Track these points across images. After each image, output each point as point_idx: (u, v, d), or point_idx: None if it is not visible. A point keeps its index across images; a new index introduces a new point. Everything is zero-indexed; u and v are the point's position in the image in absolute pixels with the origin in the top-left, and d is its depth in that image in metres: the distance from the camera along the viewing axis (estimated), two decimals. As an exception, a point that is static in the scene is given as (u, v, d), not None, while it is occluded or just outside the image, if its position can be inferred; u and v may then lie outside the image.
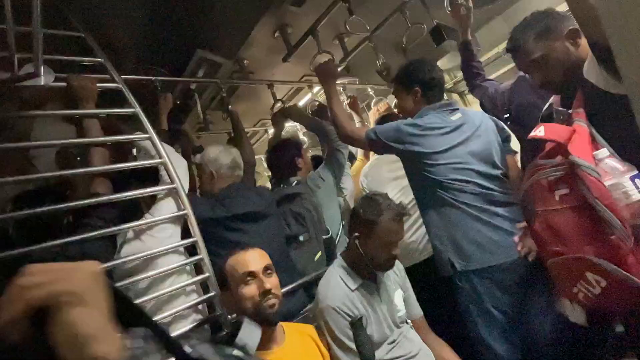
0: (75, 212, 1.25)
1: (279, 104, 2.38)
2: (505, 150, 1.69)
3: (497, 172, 1.50)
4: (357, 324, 0.85)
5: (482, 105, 1.93)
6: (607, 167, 0.99)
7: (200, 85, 2.23)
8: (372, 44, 2.06)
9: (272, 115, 2.38)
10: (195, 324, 1.27)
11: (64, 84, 1.34)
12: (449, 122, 1.51)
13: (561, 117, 1.16)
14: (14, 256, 0.99)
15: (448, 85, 3.13)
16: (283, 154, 2.05)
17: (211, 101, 2.47)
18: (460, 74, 2.95)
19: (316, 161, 2.43)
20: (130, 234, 1.29)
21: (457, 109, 1.60)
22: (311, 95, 2.63)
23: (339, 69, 2.09)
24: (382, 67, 2.12)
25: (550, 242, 1.11)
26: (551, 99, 1.32)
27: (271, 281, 1.16)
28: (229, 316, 1.30)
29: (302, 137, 3.07)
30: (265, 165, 2.37)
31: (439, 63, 2.81)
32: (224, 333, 1.02)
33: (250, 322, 0.65)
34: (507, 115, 1.76)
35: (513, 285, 1.40)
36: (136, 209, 1.43)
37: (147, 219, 1.32)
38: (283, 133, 2.50)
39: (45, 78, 1.22)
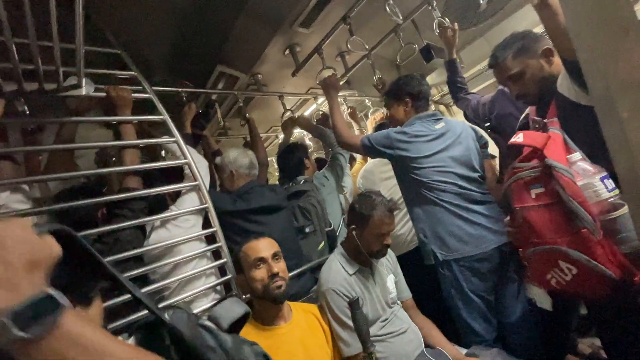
0: (109, 205, 1.26)
1: (288, 113, 2.37)
2: (484, 155, 1.68)
3: (475, 175, 1.49)
4: (354, 304, 0.84)
5: (465, 115, 1.92)
6: (579, 169, 0.99)
7: (220, 96, 2.23)
8: (370, 61, 2.05)
9: (282, 122, 2.38)
10: (213, 302, 1.28)
11: (104, 94, 1.34)
12: (433, 130, 1.50)
13: (537, 126, 1.15)
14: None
15: (435, 97, 3.12)
16: (292, 156, 2.04)
17: (229, 110, 2.47)
18: (446, 88, 2.93)
19: (320, 163, 2.43)
20: (157, 224, 1.29)
21: (441, 118, 1.58)
22: (316, 106, 2.63)
23: (341, 83, 2.09)
24: (378, 82, 2.11)
25: (527, 235, 1.12)
26: (527, 110, 1.31)
27: (279, 266, 1.16)
28: (243, 296, 1.30)
29: (308, 142, 3.06)
30: (276, 166, 2.36)
31: (428, 78, 2.80)
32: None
33: (235, 301, 0.64)
34: (488, 124, 1.76)
35: (487, 273, 1.40)
36: (163, 202, 1.43)
37: (173, 211, 1.32)
38: (291, 138, 2.49)
39: (86, 89, 1.22)
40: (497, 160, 2.12)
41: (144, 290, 1.12)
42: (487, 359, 1.23)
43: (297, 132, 2.90)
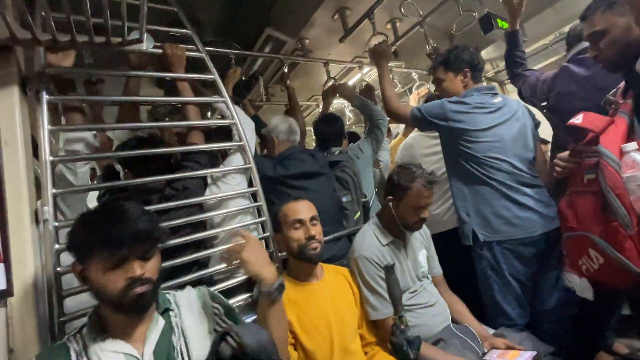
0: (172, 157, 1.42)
1: (331, 82, 2.34)
2: (536, 137, 1.58)
3: (529, 156, 1.42)
4: (389, 269, 0.87)
5: (520, 93, 1.78)
6: (629, 160, 0.93)
7: (264, 62, 2.25)
8: (422, 29, 1.94)
9: (324, 90, 2.36)
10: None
11: (160, 50, 1.41)
12: (491, 103, 1.43)
13: (612, 106, 1.07)
14: (133, 184, 1.20)
15: (489, 74, 2.91)
16: (334, 125, 2.04)
17: (273, 76, 2.49)
18: (502, 64, 2.72)
19: (351, 137, 2.41)
20: (209, 180, 1.40)
21: (498, 93, 1.50)
22: (360, 76, 2.57)
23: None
24: (432, 51, 2.00)
25: (569, 218, 1.14)
26: (620, 85, 1.19)
27: (315, 229, 1.20)
28: (279, 254, 1.38)
29: (348, 114, 3.04)
30: (313, 136, 2.37)
31: (483, 52, 2.61)
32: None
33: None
34: (545, 103, 1.63)
35: (531, 258, 1.37)
36: (217, 160, 1.51)
37: (221, 168, 1.41)
38: (330, 109, 2.48)
39: (146, 44, 1.29)
40: (548, 146, 1.99)
41: (200, 235, 1.26)
42: (515, 341, 1.23)
43: (337, 103, 2.88)
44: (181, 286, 0.98)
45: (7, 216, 0.88)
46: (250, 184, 1.46)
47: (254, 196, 1.45)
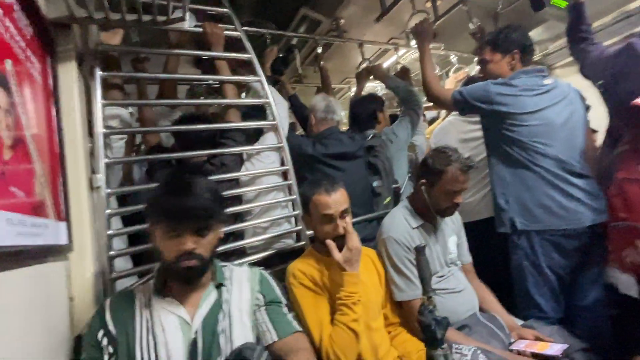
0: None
1: (365, 63, 2.30)
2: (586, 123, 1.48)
3: (579, 143, 1.34)
4: (420, 250, 0.87)
5: (582, 70, 1.63)
6: None
7: (299, 42, 2.24)
8: (465, 7, 1.85)
9: (357, 72, 2.33)
10: (285, 231, 1.44)
11: (200, 29, 1.45)
12: (540, 85, 1.36)
13: None
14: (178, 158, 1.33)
15: (536, 57, 2.72)
16: (366, 107, 2.02)
17: (306, 57, 2.48)
18: (552, 46, 2.54)
19: (393, 119, 2.36)
20: (245, 156, 1.46)
21: (548, 75, 1.41)
22: (396, 58, 2.49)
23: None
24: (476, 29, 1.90)
25: (618, 208, 1.10)
26: None
27: (345, 221, 1.13)
28: (307, 232, 1.42)
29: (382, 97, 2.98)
30: (345, 120, 2.36)
31: (531, 33, 2.43)
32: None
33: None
34: (601, 82, 1.49)
35: (572, 251, 1.31)
36: (258, 136, 1.56)
37: (255, 146, 1.46)
38: (363, 92, 2.44)
39: (189, 22, 1.34)
40: (596, 136, 1.85)
41: (238, 208, 1.36)
42: (545, 334, 1.20)
43: (369, 86, 2.82)
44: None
45: (68, 182, 0.97)
46: (282, 164, 1.50)
47: (285, 175, 1.49)
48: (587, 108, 1.51)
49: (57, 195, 0.89)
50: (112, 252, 1.06)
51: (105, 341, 0.80)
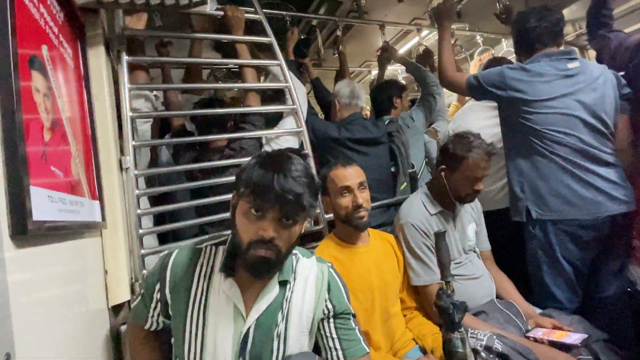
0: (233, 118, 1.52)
1: (381, 46, 2.25)
2: (622, 109, 1.40)
3: (605, 130, 1.27)
4: (440, 236, 0.87)
5: (598, 58, 1.56)
6: None
7: (319, 24, 2.20)
8: (494, -15, 1.75)
9: (378, 55, 2.28)
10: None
11: (221, 13, 1.45)
12: (562, 69, 1.29)
13: None
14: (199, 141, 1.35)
15: (570, 37, 2.56)
16: (382, 93, 2.00)
17: (326, 40, 2.44)
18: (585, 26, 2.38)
19: (412, 103, 2.32)
20: (264, 140, 1.48)
21: (576, 58, 1.33)
22: (418, 39, 2.41)
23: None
24: (502, 9, 1.81)
25: None
26: None
27: (363, 196, 1.19)
28: (326, 215, 1.43)
29: (402, 82, 2.91)
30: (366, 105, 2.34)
31: (564, 11, 2.28)
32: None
33: None
34: (623, 73, 1.41)
35: (590, 242, 1.28)
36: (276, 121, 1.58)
37: (274, 130, 1.47)
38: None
39: (210, 5, 1.34)
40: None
41: None
42: (564, 323, 1.18)
43: (391, 69, 2.76)
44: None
45: (100, 163, 1.02)
46: (301, 148, 1.51)
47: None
48: (628, 94, 1.42)
49: (90, 176, 0.94)
50: (141, 230, 1.12)
51: (158, 296, 0.80)
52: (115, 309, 0.94)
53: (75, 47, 0.98)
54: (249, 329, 0.76)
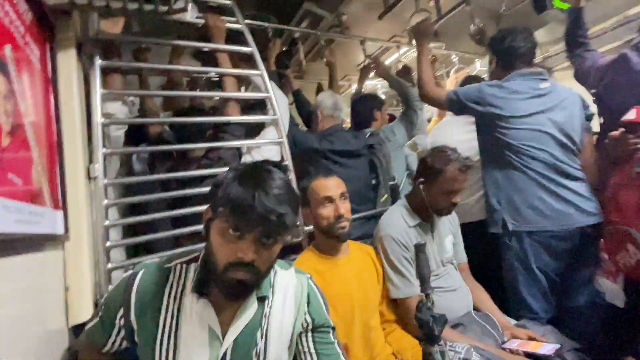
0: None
1: (368, 61, 2.30)
2: (586, 128, 1.49)
3: (573, 146, 1.35)
4: (420, 247, 0.87)
5: (576, 76, 1.65)
6: None
7: (301, 37, 2.23)
8: (468, 7, 1.84)
9: (362, 67, 2.32)
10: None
11: (202, 21, 1.44)
12: (535, 88, 1.36)
13: None
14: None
15: (537, 59, 2.73)
16: (363, 105, 2.03)
17: (308, 53, 2.47)
18: (552, 49, 2.55)
19: (391, 118, 2.38)
20: (244, 150, 1.45)
21: (547, 79, 1.42)
22: (397, 56, 2.49)
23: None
24: (476, 31, 1.90)
25: (612, 211, 1.14)
26: None
27: (345, 206, 1.18)
28: (306, 227, 1.41)
29: (382, 96, 2.98)
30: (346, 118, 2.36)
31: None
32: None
33: None
34: (594, 91, 1.51)
35: (562, 252, 1.33)
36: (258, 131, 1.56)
37: (254, 140, 1.45)
38: (363, 90, 2.44)
39: (190, 13, 1.32)
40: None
41: None
42: (538, 334, 1.21)
43: (370, 84, 2.82)
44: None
45: (65, 171, 0.96)
46: (282, 159, 1.50)
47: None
48: (591, 116, 1.51)
49: (54, 184, 0.88)
50: (108, 243, 1.05)
51: (121, 322, 0.72)
52: (76, 330, 0.87)
53: (44, 50, 0.93)
54: (225, 351, 0.70)
